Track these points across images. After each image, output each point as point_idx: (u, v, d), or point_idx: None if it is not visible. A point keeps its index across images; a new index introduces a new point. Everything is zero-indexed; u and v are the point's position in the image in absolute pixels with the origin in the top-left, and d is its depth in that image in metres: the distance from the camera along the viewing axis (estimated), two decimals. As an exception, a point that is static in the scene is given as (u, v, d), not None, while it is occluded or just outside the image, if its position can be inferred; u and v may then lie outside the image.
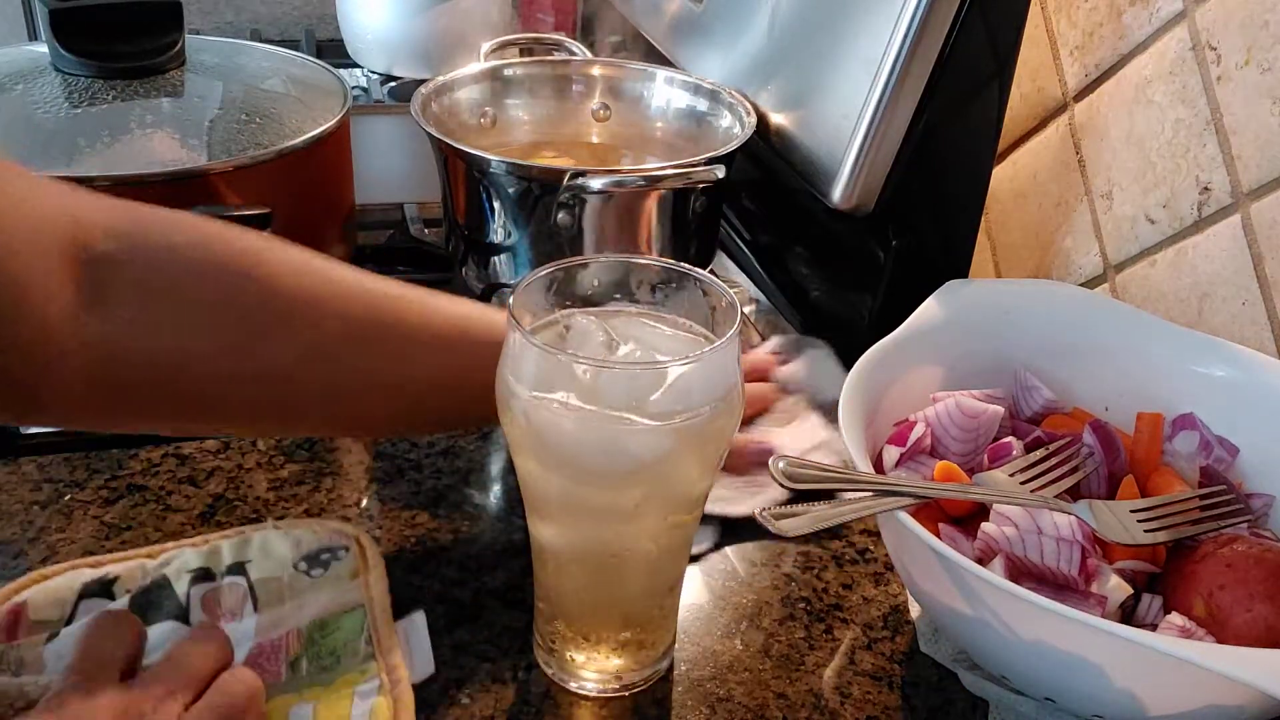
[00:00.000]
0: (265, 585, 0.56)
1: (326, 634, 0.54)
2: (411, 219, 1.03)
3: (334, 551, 0.58)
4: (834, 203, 0.76)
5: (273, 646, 0.53)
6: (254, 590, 0.56)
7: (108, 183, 0.68)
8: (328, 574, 0.57)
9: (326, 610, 0.55)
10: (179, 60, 0.80)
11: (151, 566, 0.57)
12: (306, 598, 0.56)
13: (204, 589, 0.56)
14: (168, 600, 0.55)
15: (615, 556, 0.52)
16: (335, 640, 0.53)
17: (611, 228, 0.79)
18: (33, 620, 0.54)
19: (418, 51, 1.21)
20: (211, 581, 0.56)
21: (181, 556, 0.57)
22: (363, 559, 0.58)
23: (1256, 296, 0.63)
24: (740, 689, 0.56)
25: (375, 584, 0.56)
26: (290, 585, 0.56)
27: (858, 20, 0.75)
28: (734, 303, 0.50)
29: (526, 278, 0.51)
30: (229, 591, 0.56)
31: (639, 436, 0.47)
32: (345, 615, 0.54)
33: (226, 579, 0.56)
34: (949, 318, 0.65)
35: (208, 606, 0.55)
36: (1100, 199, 0.73)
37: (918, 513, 0.55)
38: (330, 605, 0.55)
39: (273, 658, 0.52)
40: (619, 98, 0.95)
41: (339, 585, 0.56)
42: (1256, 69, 0.62)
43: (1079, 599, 0.52)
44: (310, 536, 0.59)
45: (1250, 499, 0.58)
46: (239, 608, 0.55)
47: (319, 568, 0.57)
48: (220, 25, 1.52)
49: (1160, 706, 0.48)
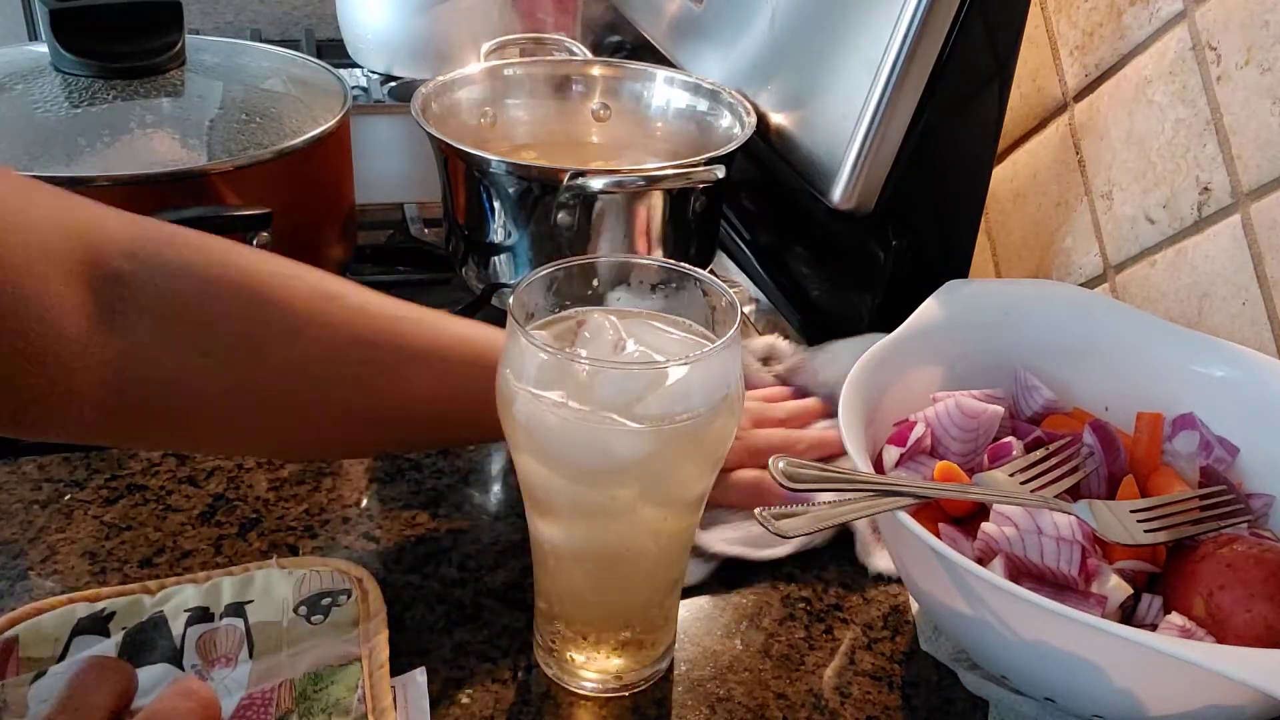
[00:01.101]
0: (263, 630, 0.54)
1: (320, 688, 0.52)
2: (411, 219, 1.03)
3: (335, 596, 0.56)
4: (834, 203, 0.76)
5: (263, 699, 0.51)
6: (251, 635, 0.54)
7: (108, 183, 0.68)
8: (327, 620, 0.55)
9: (322, 662, 0.53)
10: (179, 60, 0.80)
11: (150, 602, 0.55)
12: (304, 645, 0.54)
13: (200, 630, 0.54)
14: (162, 640, 0.53)
15: (615, 556, 0.52)
16: (328, 696, 0.52)
17: (611, 228, 0.79)
18: (22, 657, 0.52)
19: (418, 51, 1.21)
20: (209, 622, 0.54)
21: (181, 593, 0.56)
22: (364, 605, 0.56)
23: (1256, 296, 0.63)
24: (740, 689, 0.56)
25: (375, 635, 0.54)
26: (288, 632, 0.54)
27: (858, 20, 0.75)
28: (734, 303, 0.51)
29: (526, 278, 0.51)
30: (225, 635, 0.54)
31: (622, 438, 0.47)
32: (341, 669, 0.53)
33: (224, 620, 0.55)
34: (949, 318, 0.65)
35: (202, 650, 0.53)
36: (1100, 199, 0.73)
37: (918, 513, 0.55)
38: (327, 656, 0.53)
39: (262, 712, 0.51)
40: (619, 98, 0.95)
41: (338, 634, 0.54)
42: (1256, 69, 0.62)
43: (1079, 599, 0.52)
44: (314, 577, 0.57)
45: (1250, 499, 0.58)
46: (234, 653, 0.53)
47: (319, 613, 0.55)
48: (220, 25, 1.52)
49: (1160, 706, 0.48)
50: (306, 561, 0.59)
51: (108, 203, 0.68)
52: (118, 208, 0.68)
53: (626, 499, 0.50)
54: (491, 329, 0.60)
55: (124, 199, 0.68)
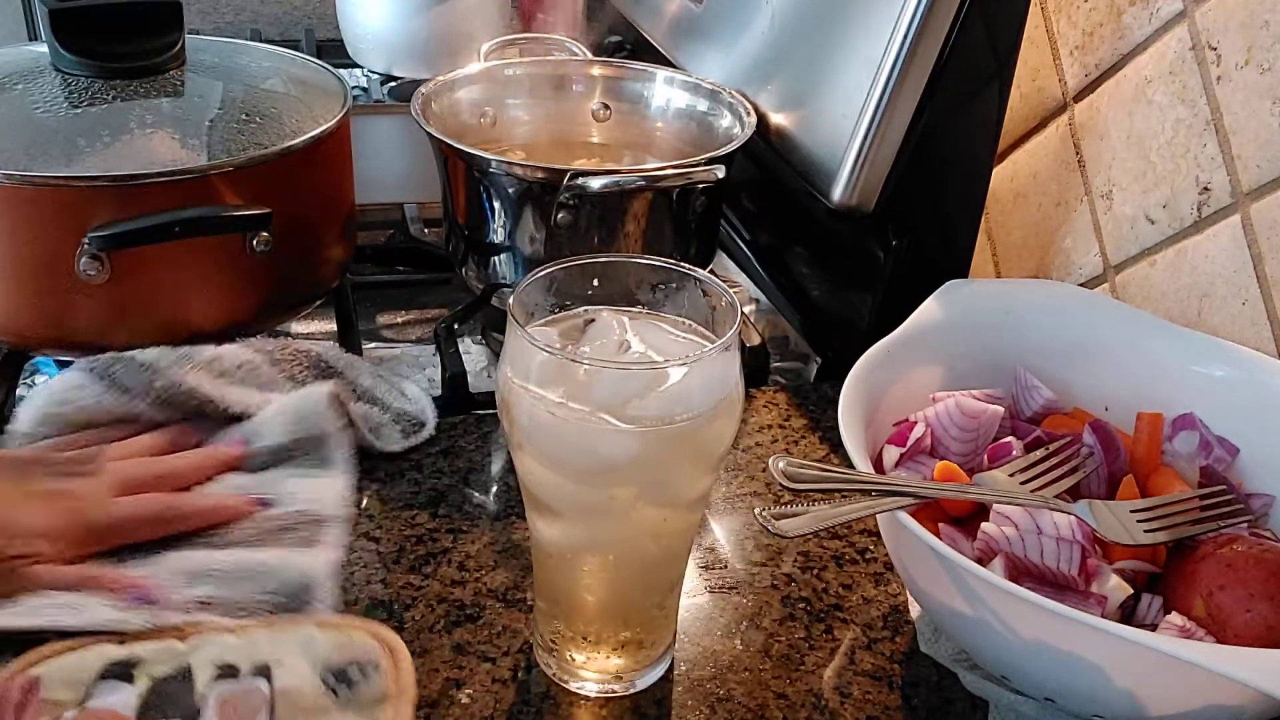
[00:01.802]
0: (287, 699, 0.52)
1: None
2: (411, 219, 1.03)
3: (365, 666, 0.54)
4: (834, 203, 0.76)
5: None
6: (274, 702, 0.52)
7: (108, 183, 0.68)
8: (354, 695, 0.53)
9: None
10: (179, 60, 0.80)
11: (180, 650, 0.54)
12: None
13: (224, 690, 0.52)
14: (184, 696, 0.52)
15: (615, 556, 0.52)
16: None
17: (612, 228, 0.79)
18: (43, 699, 0.51)
19: (418, 51, 1.21)
20: (234, 680, 0.53)
21: (213, 644, 0.54)
22: (394, 680, 0.54)
23: (1256, 296, 0.63)
24: (740, 689, 0.56)
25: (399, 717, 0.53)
26: (314, 704, 0.52)
27: (858, 20, 0.75)
28: (734, 303, 0.51)
29: (526, 278, 0.51)
30: (247, 698, 0.52)
31: (612, 438, 0.47)
32: None
33: (249, 681, 0.53)
34: (949, 318, 0.65)
35: (223, 713, 0.51)
36: (1100, 199, 0.73)
37: (918, 513, 0.55)
38: None
39: None
40: (619, 98, 0.95)
41: (362, 712, 0.52)
42: (1256, 69, 0.62)
43: (1079, 599, 0.52)
44: (347, 641, 0.55)
45: (1250, 499, 0.58)
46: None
47: (346, 684, 0.53)
48: (220, 25, 1.52)
49: (1160, 706, 0.48)
50: (344, 622, 0.56)
51: (108, 202, 0.68)
52: (117, 207, 0.68)
53: (625, 499, 0.50)
54: None
55: (124, 199, 0.69)
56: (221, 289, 0.74)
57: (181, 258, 0.71)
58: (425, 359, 0.87)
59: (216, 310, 0.75)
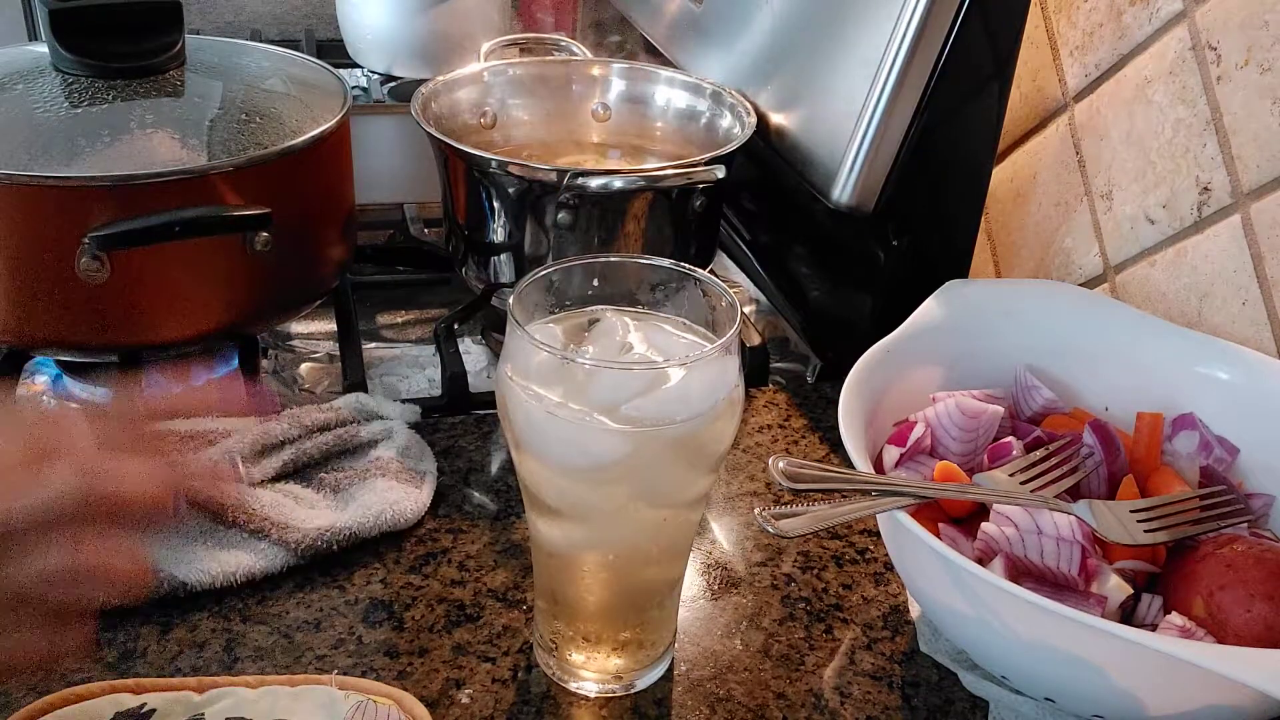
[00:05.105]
0: None
1: None
2: (411, 219, 1.03)
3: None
4: (834, 203, 0.76)
5: None
6: None
7: (108, 183, 0.68)
8: None
9: None
10: (179, 60, 0.80)
11: (195, 701, 0.53)
12: None
13: None
14: None
15: (614, 556, 0.52)
16: None
17: (612, 228, 0.79)
18: None
19: (418, 51, 1.21)
20: None
21: (228, 698, 0.53)
22: None
23: (1256, 296, 0.63)
24: (740, 689, 0.56)
25: None
26: None
27: (858, 20, 0.75)
28: (734, 303, 0.51)
29: (526, 278, 0.51)
30: None
31: (603, 438, 0.47)
32: None
33: None
34: (949, 318, 0.65)
35: None
36: (1100, 199, 0.73)
37: (918, 513, 0.55)
38: None
39: None
40: (619, 98, 0.95)
41: None
42: (1256, 69, 0.62)
43: (1079, 599, 0.52)
44: (370, 707, 0.53)
45: (1250, 499, 0.58)
46: None
47: None
48: (220, 25, 1.52)
49: (1160, 706, 0.48)
50: (364, 686, 0.54)
51: (108, 202, 0.68)
52: (117, 208, 0.68)
53: (620, 499, 0.50)
54: None
55: (124, 199, 0.69)
56: (221, 289, 0.74)
57: (181, 258, 0.71)
58: (425, 359, 0.87)
59: (216, 310, 0.74)
